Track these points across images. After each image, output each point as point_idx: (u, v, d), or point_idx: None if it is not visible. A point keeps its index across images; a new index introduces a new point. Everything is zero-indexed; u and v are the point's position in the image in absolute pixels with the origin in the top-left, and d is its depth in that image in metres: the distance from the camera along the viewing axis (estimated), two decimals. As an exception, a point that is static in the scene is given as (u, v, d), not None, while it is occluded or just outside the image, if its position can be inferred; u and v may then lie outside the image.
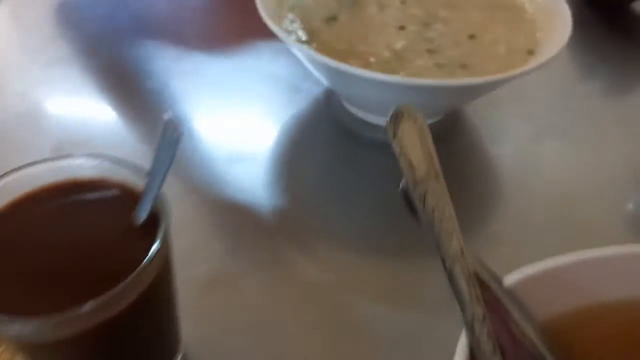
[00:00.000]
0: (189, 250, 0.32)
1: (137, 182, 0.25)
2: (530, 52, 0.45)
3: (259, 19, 0.41)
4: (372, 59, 0.42)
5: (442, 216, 0.22)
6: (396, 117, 0.21)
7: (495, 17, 0.48)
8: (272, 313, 0.36)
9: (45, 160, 0.24)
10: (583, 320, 0.27)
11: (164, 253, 0.24)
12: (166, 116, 0.22)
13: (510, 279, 0.25)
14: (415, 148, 0.22)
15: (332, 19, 0.46)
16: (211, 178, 0.44)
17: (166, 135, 0.22)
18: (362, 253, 0.40)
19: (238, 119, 0.51)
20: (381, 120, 0.49)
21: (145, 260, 0.22)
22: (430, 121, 0.49)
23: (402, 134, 0.21)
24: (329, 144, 0.50)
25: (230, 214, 0.42)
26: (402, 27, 0.46)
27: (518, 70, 0.39)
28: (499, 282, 0.24)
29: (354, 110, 0.50)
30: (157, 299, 0.25)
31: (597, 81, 0.60)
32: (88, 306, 0.20)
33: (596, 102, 0.56)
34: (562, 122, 0.53)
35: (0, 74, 0.55)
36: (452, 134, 0.50)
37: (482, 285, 0.23)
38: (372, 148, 0.49)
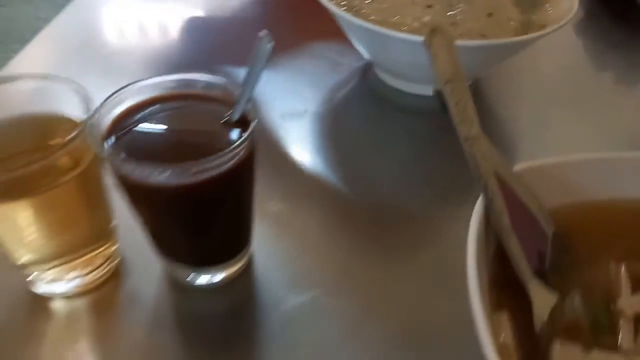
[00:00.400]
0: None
1: (234, 93, 0.33)
2: (542, 27, 0.52)
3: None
4: (403, 28, 0.50)
5: (465, 108, 0.29)
6: (431, 33, 0.29)
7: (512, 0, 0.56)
8: (325, 237, 0.43)
9: (171, 74, 0.33)
10: (576, 213, 0.34)
11: (251, 143, 0.31)
12: (262, 33, 0.30)
13: (518, 167, 0.32)
14: (444, 56, 0.29)
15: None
16: (268, 128, 0.52)
17: (260, 48, 0.30)
18: (393, 185, 0.47)
19: (289, 88, 0.58)
20: (409, 87, 0.57)
21: (240, 140, 0.30)
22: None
23: (435, 45, 0.29)
24: (364, 107, 0.57)
25: (282, 158, 0.50)
26: (429, 6, 0.54)
27: (531, 35, 0.46)
28: (509, 167, 0.31)
29: (386, 79, 0.58)
30: (241, 180, 0.33)
31: (606, 64, 0.66)
32: (191, 166, 0.28)
33: (604, 78, 0.63)
34: (571, 92, 0.60)
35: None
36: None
37: (494, 170, 0.30)
38: (401, 110, 0.56)
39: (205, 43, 0.66)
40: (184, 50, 0.64)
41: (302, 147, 0.51)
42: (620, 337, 0.27)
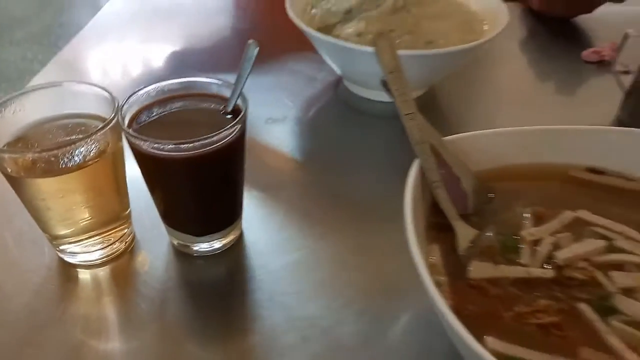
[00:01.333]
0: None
1: (227, 90, 0.42)
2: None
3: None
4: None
5: (403, 91, 0.39)
6: (377, 36, 0.38)
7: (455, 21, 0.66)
8: (303, 214, 0.52)
9: (179, 77, 0.42)
10: (496, 174, 0.43)
11: (243, 125, 0.40)
12: (250, 41, 0.39)
13: (447, 138, 0.41)
14: (387, 54, 0.39)
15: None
16: (255, 131, 0.62)
17: (248, 52, 0.39)
18: (359, 175, 0.56)
19: (272, 98, 0.68)
20: (372, 95, 0.66)
21: (232, 123, 0.39)
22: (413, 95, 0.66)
23: (381, 46, 0.38)
24: (336, 113, 0.67)
25: (267, 155, 0.59)
26: (392, 30, 0.64)
27: (469, 45, 0.56)
28: (439, 137, 0.40)
29: (354, 89, 0.68)
30: (235, 156, 0.41)
31: (547, 74, 0.77)
32: (195, 140, 0.37)
33: (546, 85, 0.74)
34: (517, 98, 0.70)
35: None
36: (432, 105, 0.68)
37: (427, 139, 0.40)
38: (368, 116, 0.66)
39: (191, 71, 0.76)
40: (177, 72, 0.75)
41: (283, 145, 0.60)
42: (521, 255, 0.36)
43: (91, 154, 0.40)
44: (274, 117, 0.65)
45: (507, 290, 0.34)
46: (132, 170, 0.44)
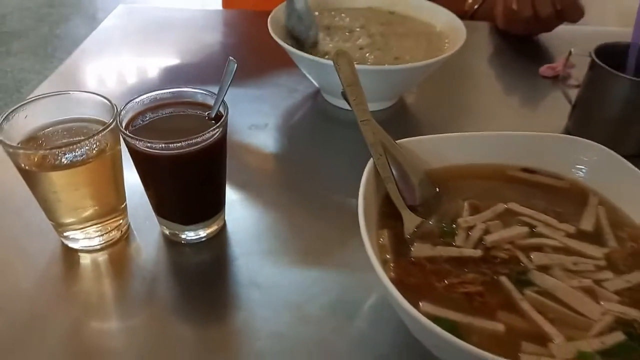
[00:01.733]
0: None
1: (211, 99, 0.49)
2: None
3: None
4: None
5: (360, 100, 0.45)
6: (337, 54, 0.46)
7: (420, 40, 0.74)
8: (279, 208, 0.58)
9: (171, 87, 0.49)
10: (443, 172, 0.50)
11: (224, 129, 0.47)
12: (230, 58, 0.46)
13: (400, 141, 0.48)
14: (346, 69, 0.46)
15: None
16: (239, 136, 0.68)
17: (228, 67, 0.46)
18: (330, 175, 0.63)
19: (255, 107, 0.75)
20: (348, 105, 0.73)
21: (214, 126, 0.46)
22: (383, 106, 0.74)
23: (340, 62, 0.45)
24: (314, 121, 0.74)
25: (249, 157, 0.66)
26: (361, 48, 0.71)
27: (432, 60, 0.64)
28: (392, 140, 0.47)
29: (330, 100, 0.75)
30: (217, 154, 0.48)
31: (514, 88, 0.84)
32: (182, 141, 0.44)
33: (512, 99, 0.81)
34: (484, 110, 0.77)
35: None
36: (403, 115, 0.75)
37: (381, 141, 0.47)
38: (344, 125, 0.73)
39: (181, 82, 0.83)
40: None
41: (264, 149, 0.67)
42: (456, 239, 0.43)
43: (93, 152, 0.47)
44: (256, 124, 0.71)
45: (441, 266, 0.41)
46: (129, 173, 0.50)
